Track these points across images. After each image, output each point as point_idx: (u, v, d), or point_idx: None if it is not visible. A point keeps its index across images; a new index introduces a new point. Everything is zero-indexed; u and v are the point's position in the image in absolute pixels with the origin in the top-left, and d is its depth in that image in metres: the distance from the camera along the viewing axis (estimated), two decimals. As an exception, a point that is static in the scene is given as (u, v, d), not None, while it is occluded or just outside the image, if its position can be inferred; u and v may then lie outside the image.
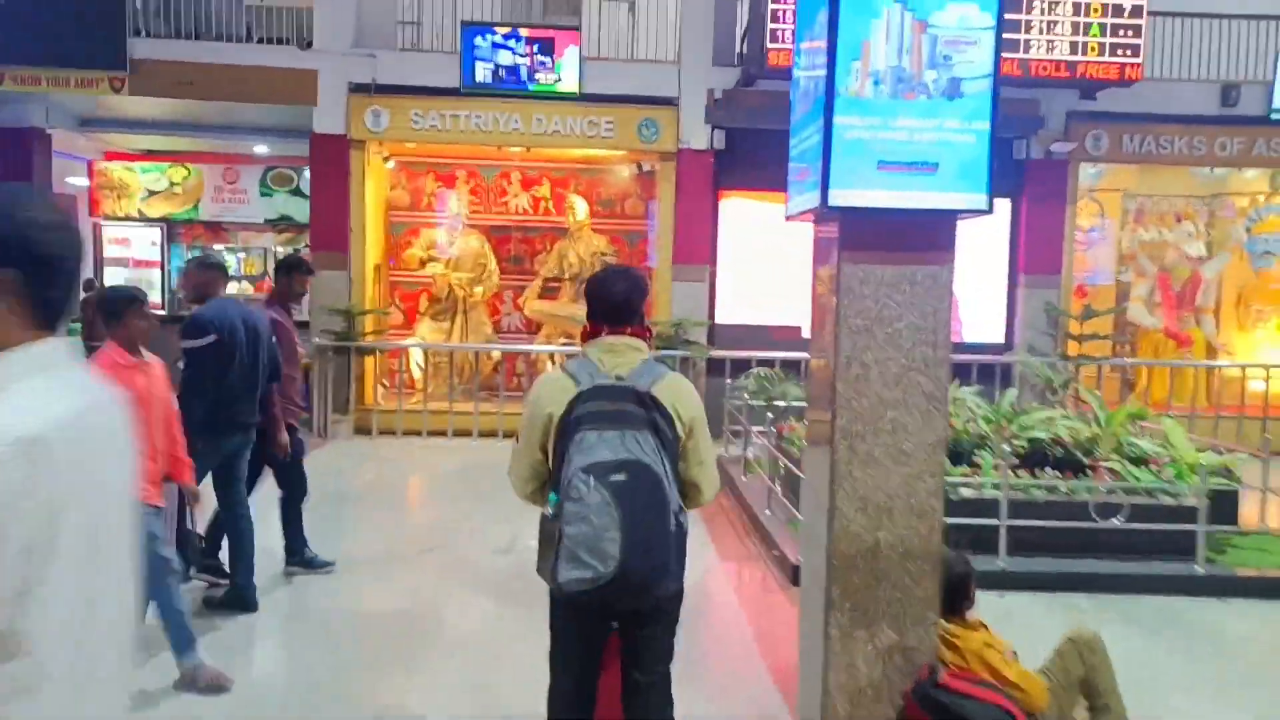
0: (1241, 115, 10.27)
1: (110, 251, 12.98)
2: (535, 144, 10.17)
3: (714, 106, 10.12)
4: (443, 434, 9.87)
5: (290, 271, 5.46)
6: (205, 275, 4.83)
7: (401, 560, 5.76)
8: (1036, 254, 10.51)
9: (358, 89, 10.05)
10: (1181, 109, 10.27)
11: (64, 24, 9.71)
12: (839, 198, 3.01)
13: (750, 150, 10.30)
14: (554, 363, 10.56)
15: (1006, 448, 5.49)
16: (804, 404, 8.76)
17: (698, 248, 10.38)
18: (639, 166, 10.81)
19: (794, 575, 5.67)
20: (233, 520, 4.82)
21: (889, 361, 3.15)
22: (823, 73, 3.02)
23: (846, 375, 3.16)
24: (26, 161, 10.71)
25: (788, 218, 3.71)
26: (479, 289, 10.78)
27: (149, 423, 3.85)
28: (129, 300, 3.92)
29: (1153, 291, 11.25)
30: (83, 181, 13.34)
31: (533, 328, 11.23)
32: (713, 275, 10.51)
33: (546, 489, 2.59)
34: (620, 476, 2.40)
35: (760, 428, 7.90)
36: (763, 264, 10.56)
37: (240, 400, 4.69)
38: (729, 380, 9.13)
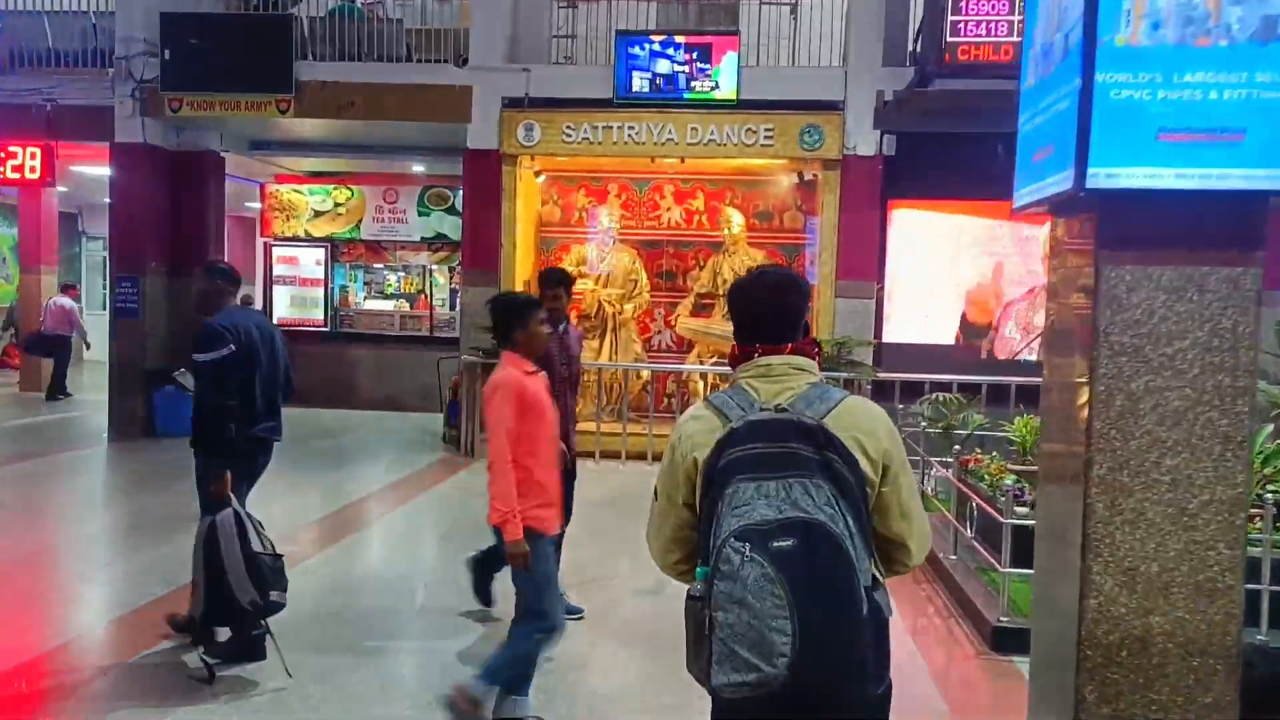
0: None
1: (279, 270, 13.44)
2: (690, 155, 9.70)
3: (884, 110, 9.34)
4: (590, 456, 9.48)
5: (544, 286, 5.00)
6: (212, 284, 4.38)
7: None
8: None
9: (511, 104, 9.89)
10: None
11: (236, 51, 10.03)
12: (1102, 178, 2.31)
13: (924, 156, 9.46)
14: (705, 383, 10.01)
15: (1268, 495, 4.49)
16: (986, 432, 7.95)
17: (864, 261, 9.60)
18: (799, 176, 10.15)
19: (994, 639, 4.86)
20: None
21: (1168, 392, 2.41)
22: (1072, 22, 2.33)
23: (1107, 409, 2.44)
24: (203, 183, 11.17)
25: (1014, 211, 3.00)
26: (629, 306, 10.38)
27: (552, 440, 3.81)
28: (527, 305, 3.86)
29: None
30: (256, 204, 13.93)
31: (684, 346, 10.73)
32: (880, 291, 9.69)
33: (696, 559, 1.98)
34: (786, 542, 1.76)
35: (940, 459, 7.06)
36: (936, 279, 9.67)
37: (266, 415, 4.36)
38: (899, 405, 8.31)
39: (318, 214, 13.30)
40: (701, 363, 10.29)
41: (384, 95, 10.13)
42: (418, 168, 12.77)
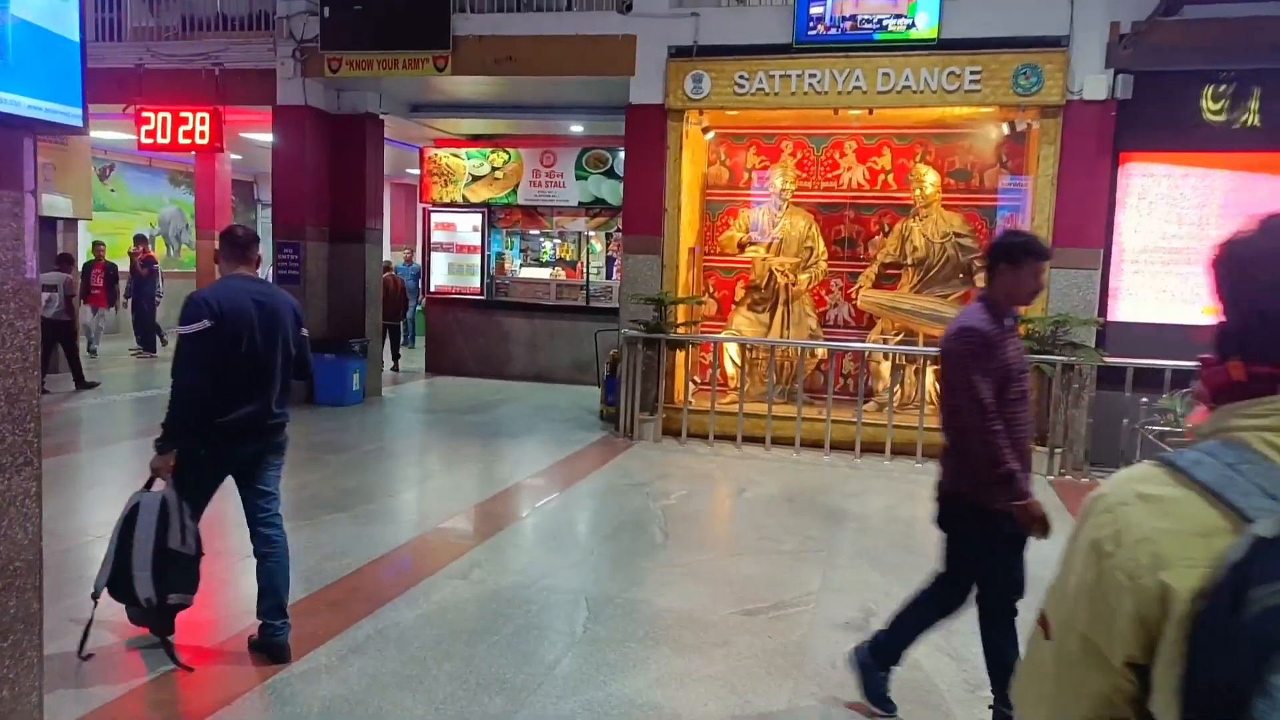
0: None
1: (437, 237, 13.17)
2: (880, 105, 8.53)
3: (1119, 45, 7.85)
4: (760, 441, 8.61)
5: (1010, 259, 3.21)
6: (222, 248, 4.01)
7: (709, 627, 4.48)
8: None
9: (678, 53, 9.00)
10: None
11: (393, 7, 9.61)
12: None
13: (1169, 100, 7.92)
14: (889, 363, 8.88)
15: None
16: None
17: (1087, 226, 8.18)
18: (1010, 126, 8.77)
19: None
20: (261, 543, 3.97)
21: None
22: None
23: None
24: (362, 147, 10.90)
25: None
26: (804, 276, 9.36)
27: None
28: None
29: None
30: (416, 170, 13.70)
31: (864, 321, 9.62)
32: (1107, 261, 8.25)
33: None
34: None
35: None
36: (1180, 247, 8.13)
37: (247, 400, 3.80)
38: (1140, 398, 6.96)
39: (475, 179, 12.90)
40: (885, 341, 9.16)
41: (541, 48, 9.47)
42: (576, 128, 12.12)
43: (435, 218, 13.15)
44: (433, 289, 13.21)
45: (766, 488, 7.32)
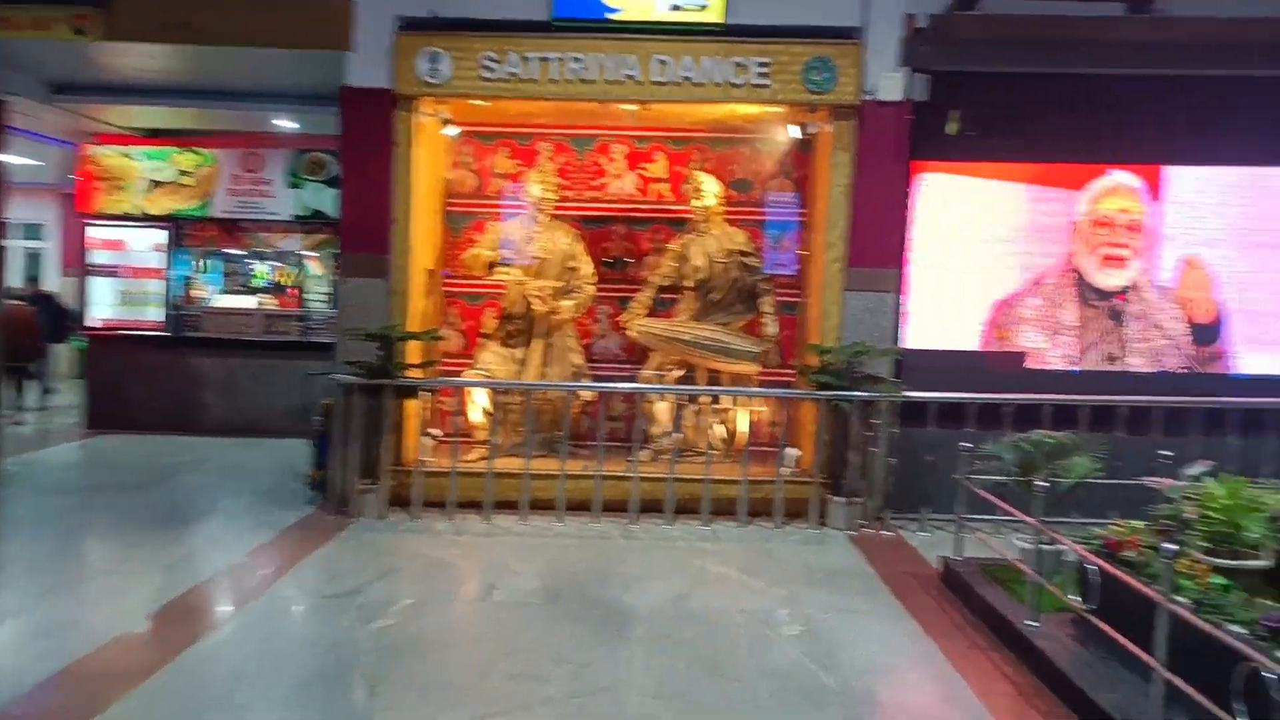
0: None
1: (98, 258, 10.33)
2: (657, 98, 7.15)
3: (915, 39, 6.98)
4: (514, 507, 6.86)
5: None
6: None
7: None
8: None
9: (409, 25, 7.18)
10: None
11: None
12: None
13: (967, 102, 7.14)
14: (671, 404, 7.46)
15: None
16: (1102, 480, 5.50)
17: (884, 242, 7.23)
18: (801, 129, 7.70)
19: None
20: None
21: None
22: None
23: None
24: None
25: None
26: (567, 303, 7.77)
27: None
28: None
29: None
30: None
31: (636, 354, 8.18)
32: (902, 283, 7.33)
33: None
34: None
35: (1065, 534, 4.70)
36: (973, 265, 7.36)
37: None
38: (961, 443, 5.95)
39: (155, 185, 10.25)
40: (662, 378, 7.76)
41: (232, 12, 7.30)
42: (288, 124, 9.88)
43: (95, 233, 10.31)
44: (94, 322, 10.32)
45: (523, 580, 5.56)
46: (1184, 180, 7.26)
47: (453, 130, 7.88)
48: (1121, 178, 7.28)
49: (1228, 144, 7.22)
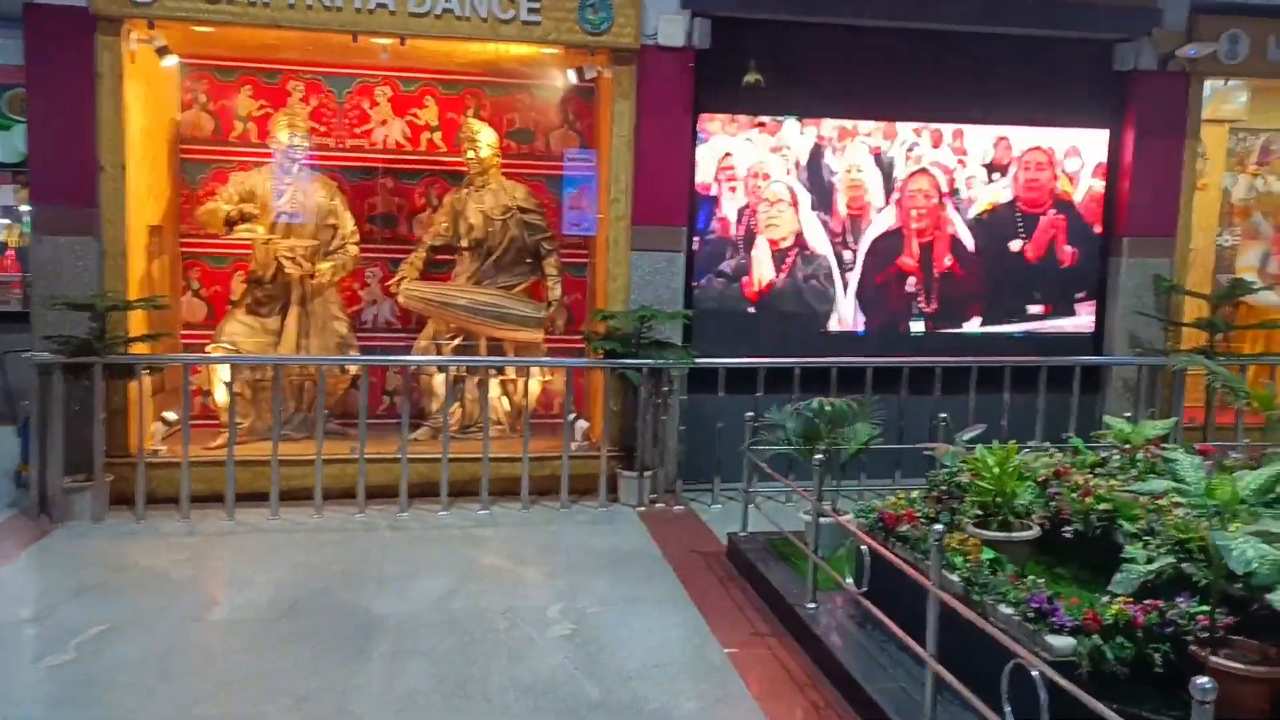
0: None
1: None
2: (414, 33, 6.33)
3: (695, -22, 6.52)
4: (264, 498, 6.01)
5: None
6: None
7: None
8: (1143, 208, 7.39)
9: (108, -68, 5.98)
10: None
11: None
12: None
13: (754, 52, 6.76)
14: (448, 377, 6.78)
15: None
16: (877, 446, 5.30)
17: (669, 199, 6.80)
18: (578, 73, 7.09)
19: None
20: None
21: None
22: None
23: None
24: None
25: None
26: (326, 265, 6.88)
27: None
28: None
29: (1266, 260, 8.37)
30: None
31: (413, 322, 7.42)
32: (690, 241, 6.96)
33: None
34: None
35: (837, 504, 4.47)
36: (763, 223, 7.08)
37: None
38: (746, 412, 5.65)
39: None
40: (439, 348, 7.06)
41: None
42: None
43: None
44: None
45: (256, 590, 4.78)
46: (976, 139, 7.25)
47: (171, 60, 6.71)
48: (912, 138, 7.17)
49: (1012, 104, 7.25)
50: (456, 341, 7.08)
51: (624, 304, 6.71)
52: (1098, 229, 7.50)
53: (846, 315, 7.25)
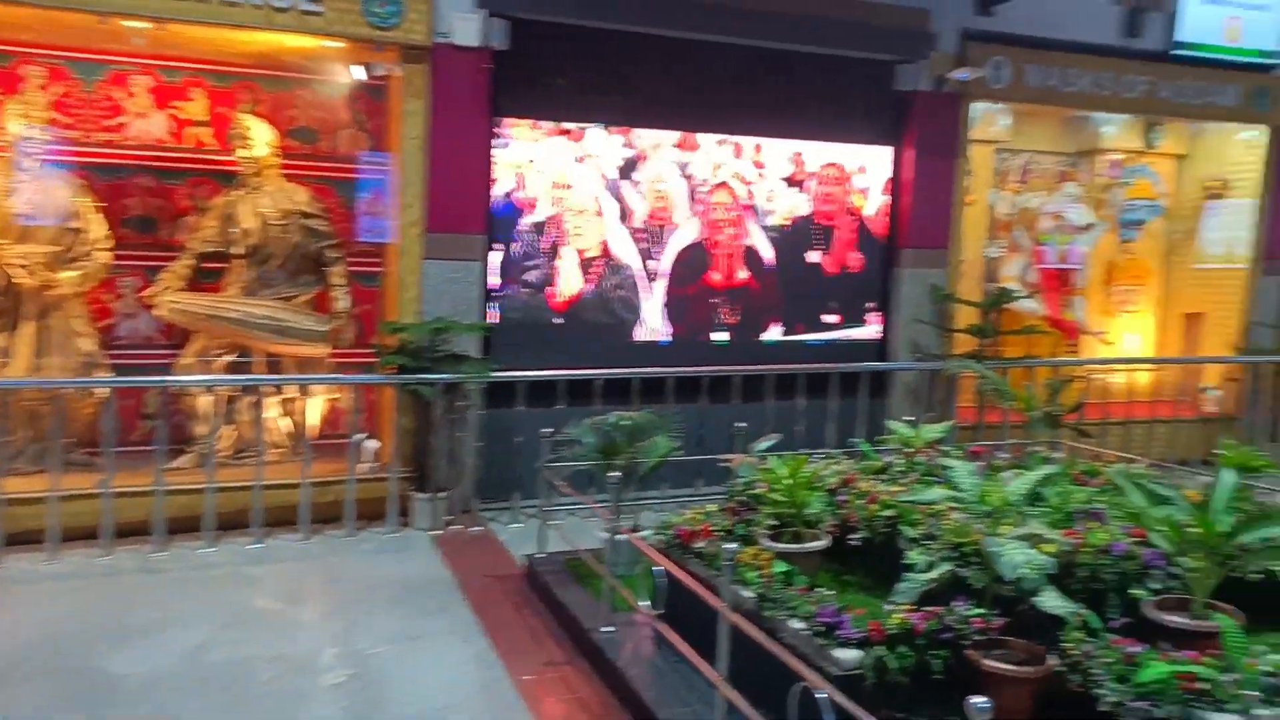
0: (1143, 49, 8.24)
1: None
2: (175, 17, 5.68)
3: (488, -24, 6.27)
4: (-7, 548, 5.19)
5: None
6: None
7: None
8: (922, 222, 7.81)
9: None
10: (1084, 34, 8.04)
11: None
12: None
13: (553, 55, 6.59)
14: (216, 397, 6.14)
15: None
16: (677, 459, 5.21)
17: (466, 206, 6.49)
18: (367, 70, 6.63)
19: None
20: None
21: None
22: None
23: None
24: None
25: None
26: (68, 274, 6.07)
27: None
28: None
29: (1026, 270, 9.07)
30: None
31: (177, 337, 6.70)
32: (488, 250, 6.68)
33: None
34: None
35: (639, 519, 4.34)
36: (565, 233, 6.91)
37: None
38: (542, 428, 5.43)
39: None
40: (208, 366, 6.40)
41: None
42: None
43: None
44: None
45: (-35, 656, 4.07)
46: (775, 153, 7.39)
47: None
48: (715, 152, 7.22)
49: (807, 120, 7.46)
50: (227, 359, 6.44)
51: (417, 315, 6.34)
52: (885, 242, 7.86)
53: (652, 325, 7.19)
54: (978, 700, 2.03)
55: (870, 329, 7.87)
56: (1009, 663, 2.94)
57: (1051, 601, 2.78)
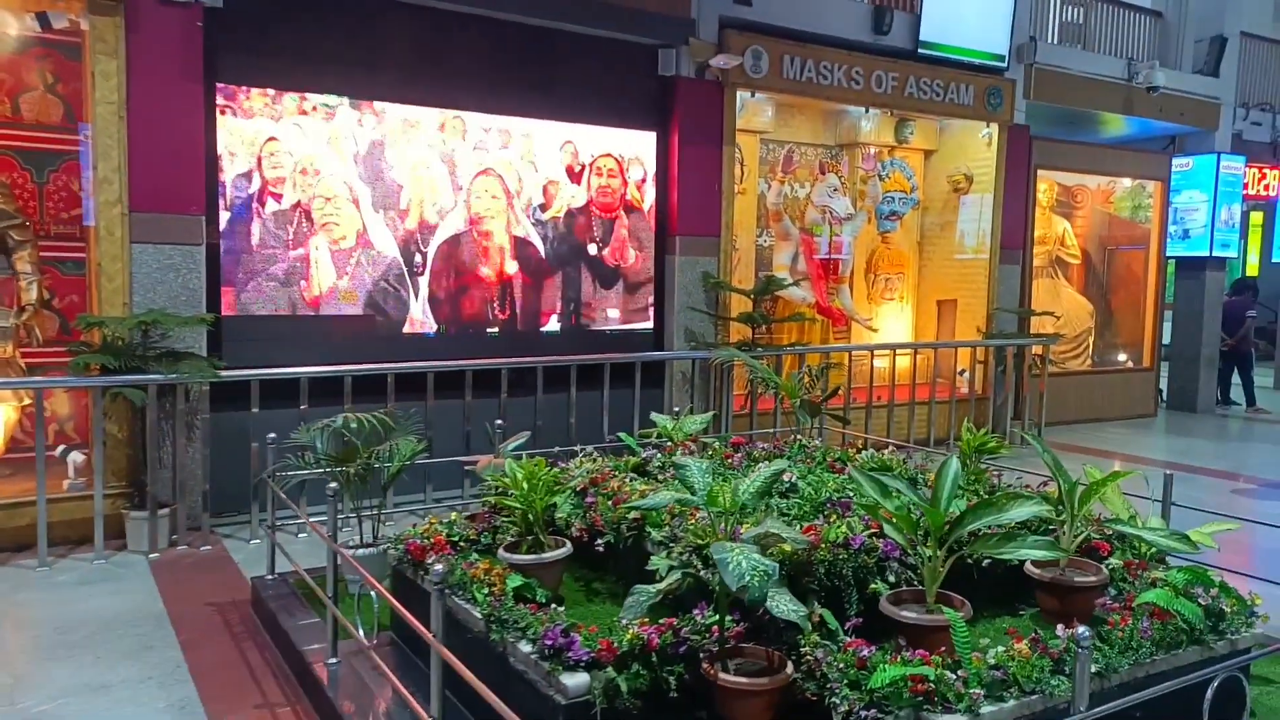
0: (892, 46, 8.57)
1: None
2: None
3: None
4: None
5: None
6: None
7: None
8: (693, 210, 7.74)
9: None
10: (836, 29, 8.24)
11: None
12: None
13: (280, 17, 5.90)
14: None
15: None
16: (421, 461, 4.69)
17: (180, 182, 5.69)
18: (41, 21, 5.64)
19: None
20: None
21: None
22: None
23: None
24: None
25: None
26: None
27: None
28: None
29: (796, 258, 9.27)
30: None
31: None
32: (213, 234, 5.91)
33: None
34: None
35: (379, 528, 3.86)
36: (309, 215, 6.25)
37: None
38: (269, 434, 4.80)
39: None
40: None
41: None
42: None
43: None
44: None
45: None
46: (546, 142, 7.01)
47: None
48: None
49: (573, 103, 7.14)
50: (-122, 361, 5.33)
51: (126, 307, 5.50)
52: (658, 231, 7.72)
53: (418, 317, 6.67)
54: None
55: (646, 319, 7.72)
56: (747, 673, 2.74)
57: (784, 606, 2.62)
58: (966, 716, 2.51)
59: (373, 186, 6.42)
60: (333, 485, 3.68)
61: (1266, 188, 12.76)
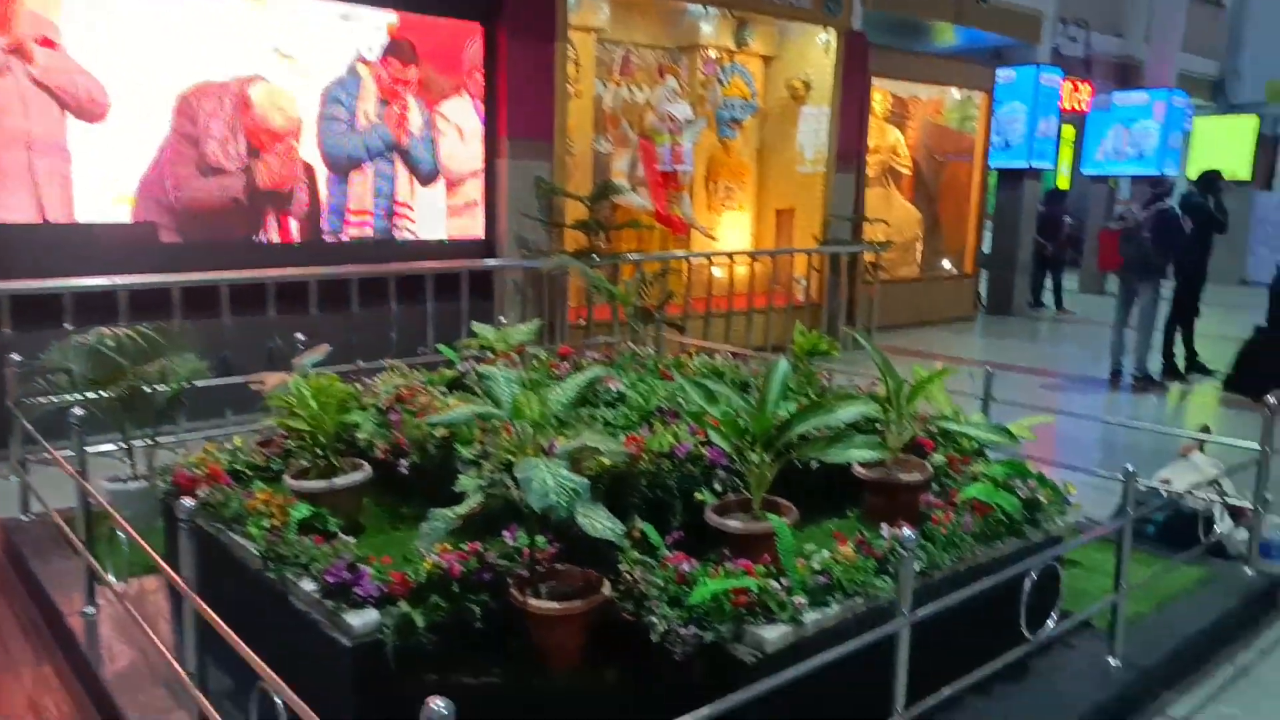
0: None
1: None
2: None
3: None
4: None
5: None
6: None
7: None
8: (524, 110, 7.23)
9: None
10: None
11: None
12: None
13: None
14: None
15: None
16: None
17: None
18: None
19: None
20: None
21: None
22: None
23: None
24: None
25: None
26: None
27: None
28: None
29: (635, 165, 8.94)
30: None
31: None
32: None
33: None
34: None
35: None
36: (96, 108, 5.38)
37: None
38: (13, 355, 4.13)
39: None
40: None
41: None
42: None
43: None
44: None
45: None
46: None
47: None
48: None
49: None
50: None
51: None
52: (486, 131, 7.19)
53: (207, 225, 5.94)
54: (438, 704, 1.48)
55: (475, 225, 7.24)
56: (560, 596, 2.50)
57: (598, 524, 2.37)
58: (790, 625, 2.35)
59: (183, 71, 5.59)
60: (76, 411, 3.13)
61: (1079, 101, 13.37)
